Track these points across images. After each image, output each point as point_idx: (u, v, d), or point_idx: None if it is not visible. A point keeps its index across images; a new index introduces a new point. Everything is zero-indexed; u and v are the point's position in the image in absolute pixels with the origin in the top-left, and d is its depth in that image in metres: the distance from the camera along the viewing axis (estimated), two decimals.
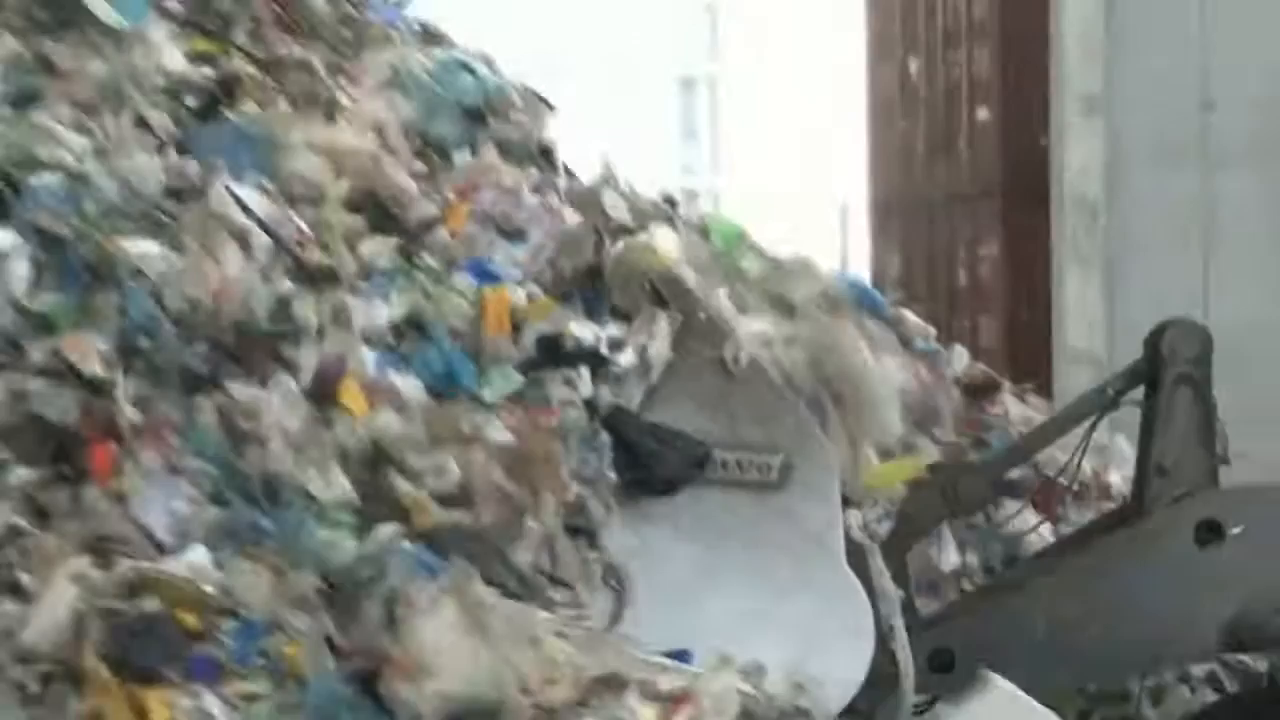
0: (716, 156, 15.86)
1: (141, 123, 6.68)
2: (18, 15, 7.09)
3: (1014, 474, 7.40)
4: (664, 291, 6.67)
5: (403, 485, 5.92)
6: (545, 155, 7.86)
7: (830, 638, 5.92)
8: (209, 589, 5.36)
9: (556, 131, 8.08)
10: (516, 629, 5.31)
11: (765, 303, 8.00)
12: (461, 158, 7.22)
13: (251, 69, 7.03)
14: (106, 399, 5.87)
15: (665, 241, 6.92)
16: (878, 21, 14.12)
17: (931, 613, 6.62)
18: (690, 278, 6.83)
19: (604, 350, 6.49)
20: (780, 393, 6.77)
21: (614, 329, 6.60)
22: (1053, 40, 12.24)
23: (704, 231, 8.17)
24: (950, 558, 7.38)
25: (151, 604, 5.31)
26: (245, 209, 6.45)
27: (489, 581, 5.49)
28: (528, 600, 5.59)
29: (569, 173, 7.90)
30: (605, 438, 6.30)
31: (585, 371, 6.44)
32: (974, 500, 6.98)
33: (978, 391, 8.27)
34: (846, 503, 6.61)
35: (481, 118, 7.40)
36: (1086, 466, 7.63)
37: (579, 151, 8.07)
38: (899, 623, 6.12)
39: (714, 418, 6.42)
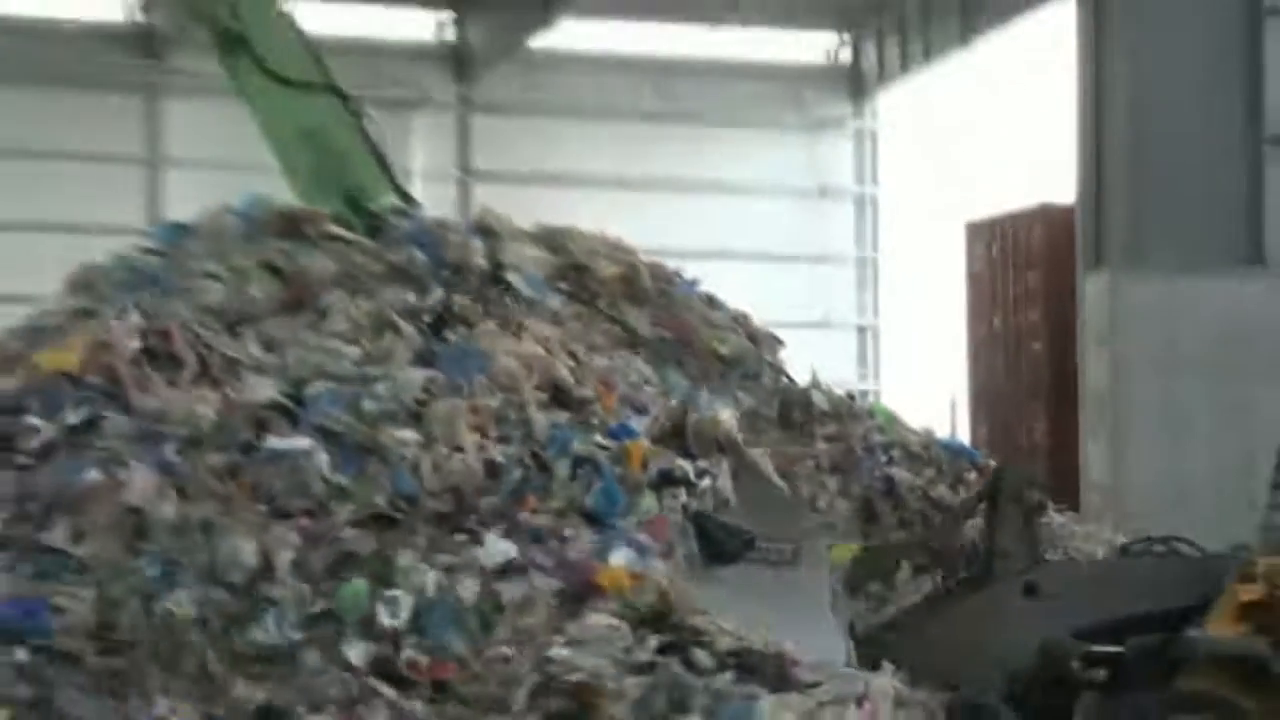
0: (878, 372, 16.29)
1: (396, 337, 6.33)
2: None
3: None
4: (723, 444, 6.44)
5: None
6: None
7: (822, 655, 5.65)
8: (611, 684, 5.00)
9: (784, 354, 8.14)
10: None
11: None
12: (601, 360, 6.90)
13: (465, 300, 6.68)
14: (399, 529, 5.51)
15: (726, 415, 6.59)
16: (974, 294, 13.96)
17: (864, 633, 6.25)
18: (739, 437, 6.53)
19: (693, 478, 6.28)
20: (796, 506, 6.61)
21: (701, 464, 6.38)
22: (1079, 301, 11.96)
23: (870, 413, 8.13)
24: None
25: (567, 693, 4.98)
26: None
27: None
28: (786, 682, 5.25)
29: (790, 378, 7.94)
30: (692, 529, 6.12)
31: (682, 490, 6.25)
32: (888, 571, 6.81)
33: (1034, 509, 8.27)
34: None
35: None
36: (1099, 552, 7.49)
37: (798, 367, 8.17)
38: (850, 645, 5.92)
39: (756, 519, 6.23)
